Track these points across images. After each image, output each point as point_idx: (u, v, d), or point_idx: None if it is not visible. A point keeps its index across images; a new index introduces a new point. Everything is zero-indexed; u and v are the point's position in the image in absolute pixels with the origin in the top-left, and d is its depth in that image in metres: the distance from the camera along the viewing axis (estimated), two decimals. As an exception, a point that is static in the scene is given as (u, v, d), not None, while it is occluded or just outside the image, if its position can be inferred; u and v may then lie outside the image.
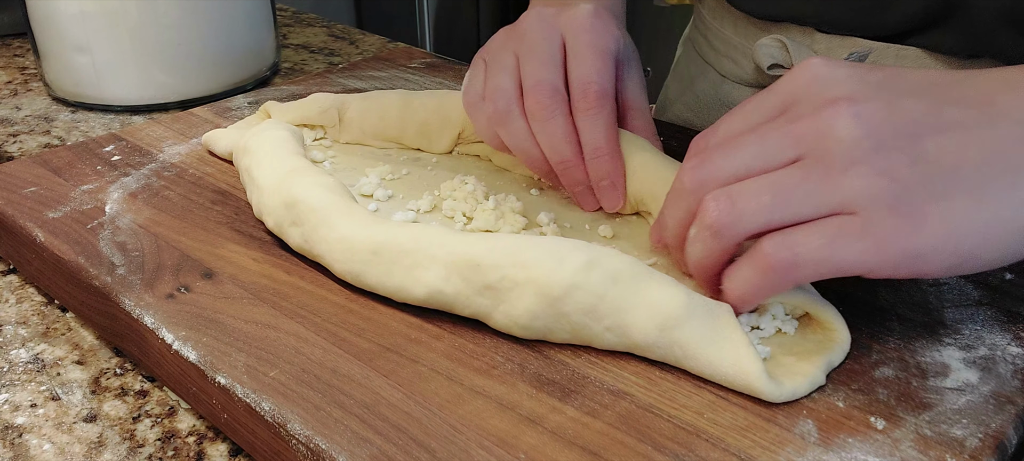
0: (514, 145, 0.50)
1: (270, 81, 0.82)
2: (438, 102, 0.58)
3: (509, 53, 0.51)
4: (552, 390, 0.37)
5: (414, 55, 0.78)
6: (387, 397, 0.36)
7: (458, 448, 0.33)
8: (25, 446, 0.39)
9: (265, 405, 0.36)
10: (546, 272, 0.38)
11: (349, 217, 0.43)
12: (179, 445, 0.39)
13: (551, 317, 0.38)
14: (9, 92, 0.81)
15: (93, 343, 0.46)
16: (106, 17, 0.70)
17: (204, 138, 0.59)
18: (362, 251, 0.42)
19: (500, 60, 0.51)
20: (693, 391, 0.37)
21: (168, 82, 0.74)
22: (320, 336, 0.40)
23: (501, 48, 0.52)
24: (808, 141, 0.36)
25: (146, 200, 0.52)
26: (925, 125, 0.35)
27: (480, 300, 0.39)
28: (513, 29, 0.53)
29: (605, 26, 0.51)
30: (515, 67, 0.50)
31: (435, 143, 0.58)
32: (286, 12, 1.07)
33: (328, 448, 0.33)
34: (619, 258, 0.38)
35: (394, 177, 0.54)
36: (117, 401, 0.42)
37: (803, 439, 0.34)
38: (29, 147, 0.69)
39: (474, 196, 0.50)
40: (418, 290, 0.40)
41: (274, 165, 0.49)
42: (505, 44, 0.52)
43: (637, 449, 0.33)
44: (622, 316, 0.37)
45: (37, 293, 0.50)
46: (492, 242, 0.40)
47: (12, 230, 0.50)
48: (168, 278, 0.44)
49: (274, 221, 0.46)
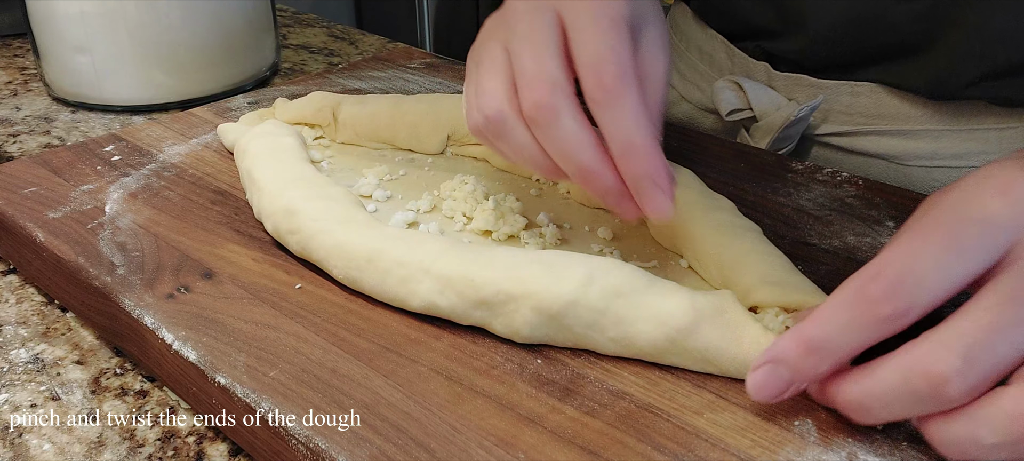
0: (519, 158, 0.41)
1: (270, 81, 0.82)
2: (427, 105, 0.58)
3: (497, 45, 0.41)
4: (551, 390, 0.37)
5: (414, 55, 0.78)
6: (387, 397, 0.36)
7: (457, 448, 0.33)
8: (25, 446, 0.39)
9: (265, 405, 0.36)
10: (543, 288, 0.38)
11: (346, 223, 0.43)
12: (179, 445, 0.39)
13: (552, 328, 0.38)
14: (9, 92, 0.81)
15: (93, 343, 0.46)
16: (106, 17, 0.70)
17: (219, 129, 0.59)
18: (358, 257, 0.42)
19: (487, 56, 0.42)
20: (692, 391, 0.37)
21: (168, 82, 0.74)
22: (320, 336, 0.40)
23: (488, 40, 0.42)
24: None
25: (146, 200, 0.52)
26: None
27: (477, 313, 0.39)
28: (500, 14, 0.43)
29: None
30: (505, 61, 0.41)
31: (425, 144, 0.58)
32: (286, 12, 1.07)
33: (328, 448, 0.33)
34: (619, 271, 0.38)
35: (392, 177, 0.54)
36: (117, 401, 0.42)
37: (802, 439, 0.34)
38: (29, 147, 0.69)
39: (474, 196, 0.50)
40: (413, 301, 0.40)
41: (276, 170, 0.49)
42: (492, 34, 0.42)
43: (636, 449, 0.33)
44: (626, 328, 0.37)
45: (37, 293, 0.50)
46: (487, 257, 0.40)
47: (12, 230, 0.50)
48: (168, 278, 0.44)
49: (272, 225, 0.46)
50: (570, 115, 0.38)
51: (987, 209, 0.31)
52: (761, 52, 0.65)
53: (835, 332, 0.32)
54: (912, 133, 0.59)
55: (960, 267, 0.30)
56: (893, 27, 0.55)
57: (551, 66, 0.38)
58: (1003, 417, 0.29)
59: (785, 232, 0.48)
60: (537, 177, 0.54)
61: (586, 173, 0.39)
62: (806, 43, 0.60)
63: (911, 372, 0.30)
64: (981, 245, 0.30)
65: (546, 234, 0.47)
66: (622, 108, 0.37)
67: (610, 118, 0.38)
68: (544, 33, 0.39)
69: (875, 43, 0.57)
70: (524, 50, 0.39)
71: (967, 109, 0.56)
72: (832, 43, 0.59)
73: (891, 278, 0.30)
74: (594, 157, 0.38)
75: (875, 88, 0.59)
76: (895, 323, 0.31)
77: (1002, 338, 0.29)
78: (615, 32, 0.38)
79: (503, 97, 0.40)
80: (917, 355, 0.30)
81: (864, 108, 0.60)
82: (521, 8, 0.41)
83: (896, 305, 0.30)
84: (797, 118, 0.60)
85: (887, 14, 0.55)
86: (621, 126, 0.37)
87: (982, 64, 0.53)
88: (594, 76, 0.37)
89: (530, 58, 0.39)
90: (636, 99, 0.37)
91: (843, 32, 0.58)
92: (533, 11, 0.40)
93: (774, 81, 0.64)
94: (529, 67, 0.39)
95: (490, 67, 0.41)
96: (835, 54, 0.59)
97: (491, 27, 0.43)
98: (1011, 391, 0.29)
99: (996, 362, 0.29)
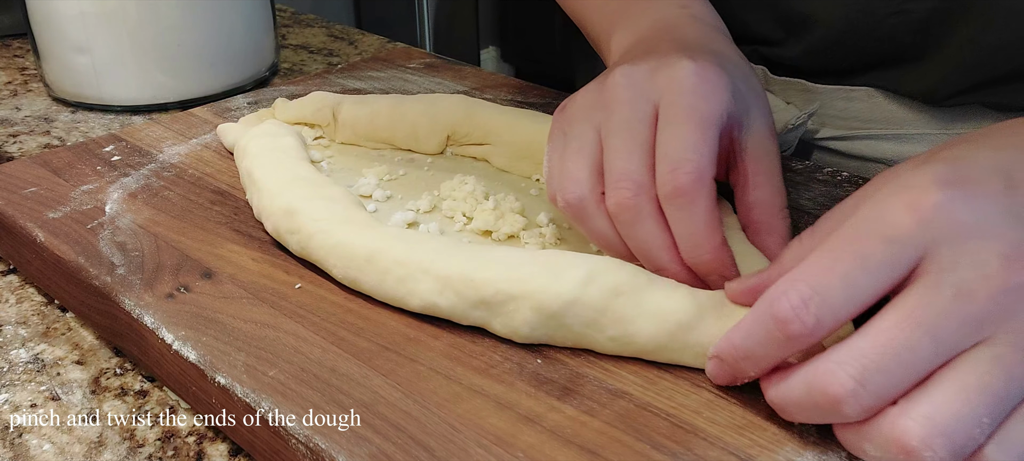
0: (597, 242, 0.42)
1: (269, 81, 0.82)
2: (426, 105, 0.58)
3: (589, 128, 0.42)
4: (550, 389, 0.37)
5: (413, 55, 0.78)
6: (386, 396, 0.36)
7: (457, 447, 0.33)
8: (25, 446, 0.39)
9: (265, 405, 0.36)
10: (543, 288, 0.38)
11: (346, 223, 0.43)
12: (179, 445, 0.39)
13: (551, 328, 0.38)
14: (9, 92, 0.81)
15: (93, 343, 0.46)
16: (106, 17, 0.70)
17: (218, 129, 0.59)
18: (357, 257, 0.42)
19: (578, 135, 0.42)
20: (691, 390, 0.37)
21: (168, 82, 0.74)
22: (319, 335, 0.40)
23: (583, 119, 0.42)
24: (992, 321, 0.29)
25: (146, 200, 0.52)
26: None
27: (476, 313, 0.39)
28: (600, 90, 0.43)
29: (713, 85, 0.40)
30: (595, 147, 0.41)
31: (424, 144, 0.58)
32: (285, 12, 1.07)
33: (327, 447, 0.33)
34: (618, 270, 0.38)
35: (391, 177, 0.55)
36: (117, 401, 0.42)
37: (802, 438, 0.34)
38: (29, 147, 0.69)
39: (474, 196, 0.50)
40: (413, 301, 0.40)
41: (276, 170, 0.49)
42: (589, 114, 0.42)
43: (635, 447, 0.33)
44: (626, 326, 0.37)
45: (37, 293, 0.50)
46: (487, 257, 0.40)
47: (12, 230, 0.50)
48: (168, 278, 0.44)
49: (272, 225, 0.46)
50: (650, 217, 0.39)
51: (896, 227, 0.31)
52: (758, 56, 0.65)
53: (754, 345, 0.33)
54: (908, 137, 0.59)
55: (867, 284, 0.31)
56: (890, 36, 0.55)
57: (638, 167, 0.39)
58: (881, 438, 0.30)
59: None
60: (537, 177, 0.54)
61: (659, 269, 0.40)
62: (804, 50, 0.60)
63: (812, 388, 0.31)
64: (888, 263, 0.31)
65: (546, 234, 0.48)
66: (693, 211, 0.38)
67: (680, 218, 0.39)
68: (638, 129, 0.40)
69: (871, 51, 0.57)
70: (616, 143, 0.40)
71: (962, 114, 0.56)
72: (829, 51, 0.59)
73: (797, 298, 0.31)
74: (669, 258, 0.40)
75: (871, 93, 0.59)
76: (805, 340, 0.31)
77: (896, 361, 0.29)
78: (701, 133, 0.39)
79: (586, 186, 0.41)
80: (818, 373, 0.31)
81: (860, 113, 0.60)
82: (623, 96, 0.41)
83: (804, 324, 0.31)
84: (794, 125, 0.60)
85: (884, 24, 0.55)
86: (690, 228, 0.39)
87: (978, 72, 0.53)
88: (670, 175, 0.38)
89: (621, 154, 0.40)
90: (707, 203, 0.38)
91: (840, 41, 0.58)
92: (633, 101, 0.41)
93: (771, 85, 0.64)
94: (618, 165, 0.40)
95: (578, 150, 0.42)
96: (832, 60, 0.60)
97: (588, 103, 0.43)
98: (891, 413, 0.30)
99: (890, 383, 0.30)
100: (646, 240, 0.40)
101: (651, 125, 0.40)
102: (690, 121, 0.39)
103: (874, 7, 0.55)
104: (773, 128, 0.44)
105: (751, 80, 0.45)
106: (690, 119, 0.39)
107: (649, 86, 0.41)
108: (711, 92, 0.40)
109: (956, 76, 0.54)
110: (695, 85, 0.40)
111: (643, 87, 0.41)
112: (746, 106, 0.43)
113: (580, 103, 0.44)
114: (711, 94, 0.40)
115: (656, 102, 0.41)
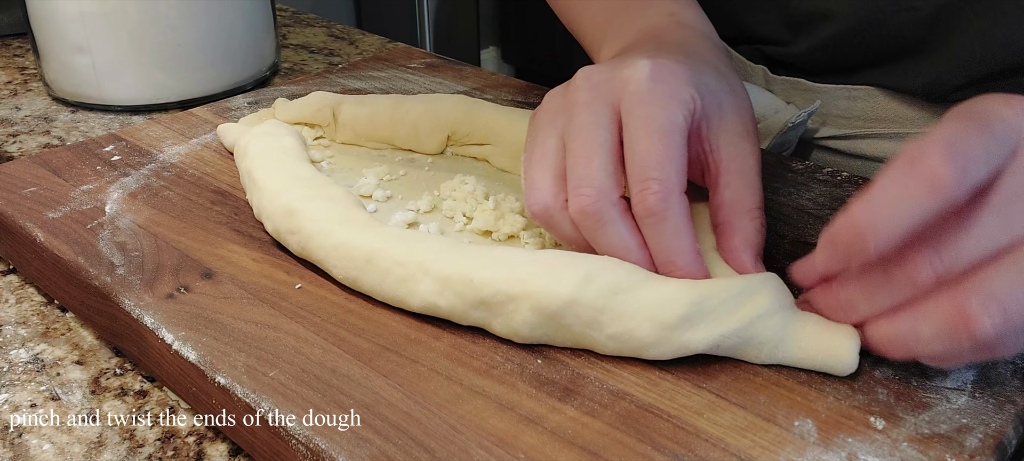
0: (574, 248, 0.42)
1: (270, 81, 0.82)
2: (427, 105, 0.58)
3: (552, 133, 0.42)
4: (552, 390, 0.37)
5: (414, 55, 0.78)
6: (387, 397, 0.36)
7: (457, 448, 0.33)
8: (25, 446, 0.39)
9: (265, 405, 0.36)
10: (542, 288, 0.38)
11: (346, 223, 0.43)
12: (179, 445, 0.39)
13: (551, 328, 0.38)
14: (9, 92, 0.81)
15: (93, 343, 0.46)
16: (106, 17, 0.70)
17: (218, 129, 0.59)
18: (358, 257, 0.42)
19: (541, 142, 0.42)
20: (693, 391, 0.37)
21: (168, 82, 0.74)
22: (320, 336, 0.40)
23: (546, 124, 0.42)
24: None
25: (146, 200, 0.52)
26: None
27: (476, 313, 0.39)
28: (563, 95, 0.43)
29: (669, 89, 0.39)
30: (557, 155, 0.41)
31: (425, 144, 0.58)
32: (286, 12, 1.07)
33: (328, 448, 0.33)
34: (617, 268, 0.38)
35: (391, 178, 0.54)
36: (117, 401, 0.42)
37: (803, 439, 0.34)
38: (29, 147, 0.69)
39: (474, 196, 0.50)
40: (413, 301, 0.40)
41: (276, 170, 0.49)
42: (552, 118, 0.42)
43: (636, 449, 0.33)
44: (626, 323, 0.37)
45: (37, 293, 0.50)
46: (487, 257, 0.40)
47: (12, 230, 0.50)
48: (168, 278, 0.44)
49: (272, 226, 0.46)
50: (614, 221, 0.39)
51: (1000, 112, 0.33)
52: (760, 56, 0.65)
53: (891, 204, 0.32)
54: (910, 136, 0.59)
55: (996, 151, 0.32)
56: (895, 33, 0.55)
57: (598, 172, 0.39)
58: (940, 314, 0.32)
59: (785, 231, 0.48)
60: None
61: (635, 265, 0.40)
62: (809, 48, 0.60)
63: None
64: (1004, 135, 0.32)
65: (546, 234, 0.47)
66: (663, 227, 0.38)
67: (653, 234, 0.39)
68: (598, 132, 0.40)
69: (876, 48, 0.57)
70: (576, 147, 0.40)
71: None
72: (835, 48, 0.59)
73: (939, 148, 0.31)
74: (639, 259, 0.39)
75: (872, 91, 0.59)
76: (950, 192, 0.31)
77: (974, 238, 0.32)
78: (664, 144, 0.38)
79: (549, 194, 0.40)
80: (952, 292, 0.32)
81: (861, 111, 0.60)
82: (582, 98, 0.41)
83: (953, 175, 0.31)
84: (794, 123, 0.60)
85: (890, 21, 0.55)
86: (662, 242, 0.39)
87: (983, 66, 0.53)
88: (639, 193, 0.38)
89: (580, 160, 0.39)
90: (678, 216, 0.38)
91: (845, 39, 0.58)
92: (591, 104, 0.40)
93: (772, 84, 0.64)
94: (577, 171, 0.39)
95: (541, 158, 0.41)
96: (835, 59, 0.60)
97: (552, 109, 0.43)
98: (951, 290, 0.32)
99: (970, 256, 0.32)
100: (612, 244, 0.39)
101: (611, 127, 0.40)
102: (651, 134, 0.38)
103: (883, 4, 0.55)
104: (750, 126, 0.43)
105: (728, 78, 0.44)
106: (651, 132, 0.38)
107: (607, 88, 0.41)
108: (667, 94, 0.39)
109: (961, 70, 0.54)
110: (652, 90, 0.39)
111: (601, 89, 0.41)
112: (717, 102, 0.42)
113: (545, 108, 0.43)
114: (668, 97, 0.39)
115: (615, 104, 0.40)
